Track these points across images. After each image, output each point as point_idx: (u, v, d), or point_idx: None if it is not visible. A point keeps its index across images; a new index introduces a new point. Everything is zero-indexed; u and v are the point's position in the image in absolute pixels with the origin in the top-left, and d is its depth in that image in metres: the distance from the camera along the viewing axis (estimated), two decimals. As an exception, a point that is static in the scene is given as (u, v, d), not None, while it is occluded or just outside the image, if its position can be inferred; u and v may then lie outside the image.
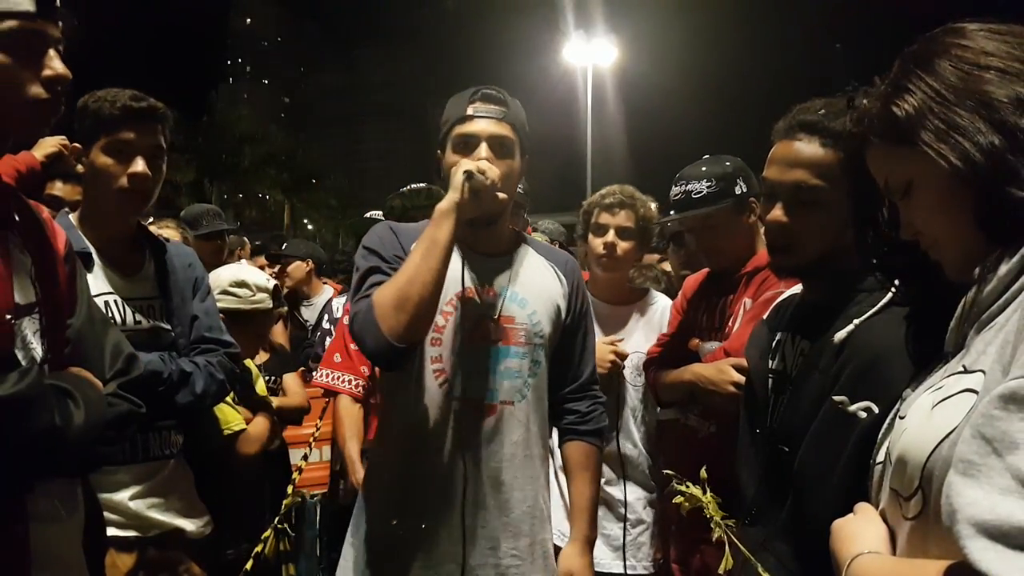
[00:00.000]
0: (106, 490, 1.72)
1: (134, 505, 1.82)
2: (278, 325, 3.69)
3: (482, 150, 1.70)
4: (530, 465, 1.77)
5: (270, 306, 2.56)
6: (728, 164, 2.29)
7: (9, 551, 1.09)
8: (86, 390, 1.16)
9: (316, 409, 3.12)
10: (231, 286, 2.48)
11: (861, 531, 0.96)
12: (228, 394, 2.12)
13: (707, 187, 2.24)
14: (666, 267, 3.88)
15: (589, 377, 1.92)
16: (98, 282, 1.82)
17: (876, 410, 1.19)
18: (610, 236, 2.50)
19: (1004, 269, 0.86)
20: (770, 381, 1.53)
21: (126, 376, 1.29)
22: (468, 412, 1.72)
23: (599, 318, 2.39)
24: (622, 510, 2.50)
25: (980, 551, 0.68)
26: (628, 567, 2.49)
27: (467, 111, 1.73)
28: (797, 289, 1.61)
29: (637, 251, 2.58)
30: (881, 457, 1.00)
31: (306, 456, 2.74)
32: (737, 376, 1.98)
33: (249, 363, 2.54)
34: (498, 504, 1.73)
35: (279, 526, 2.20)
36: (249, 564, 2.04)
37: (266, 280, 2.59)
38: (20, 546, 1.10)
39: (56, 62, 1.16)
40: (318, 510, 3.08)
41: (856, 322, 1.32)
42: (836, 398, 1.27)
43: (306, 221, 42.12)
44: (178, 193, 25.37)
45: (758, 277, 2.19)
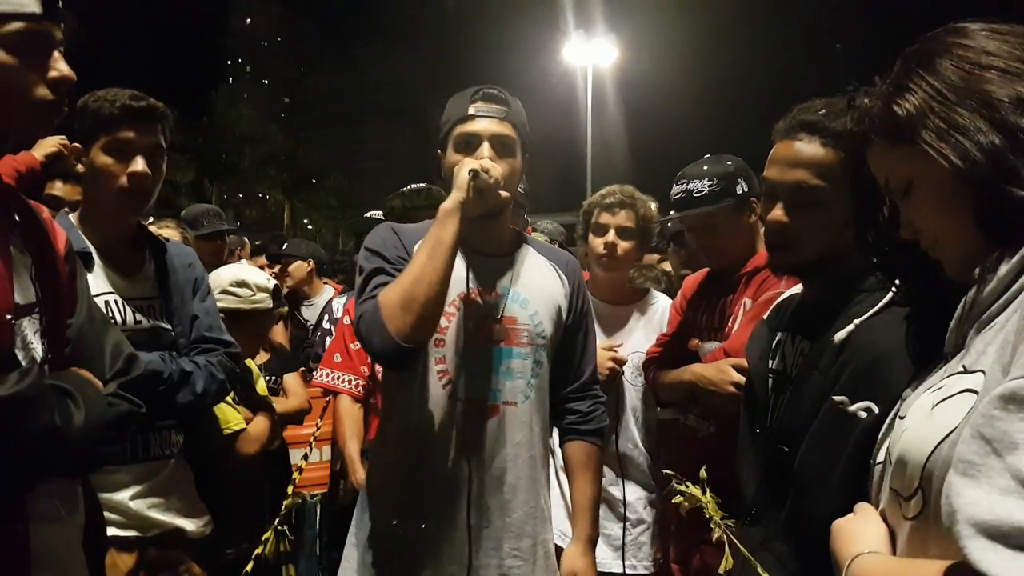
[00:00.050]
0: (106, 490, 1.72)
1: (134, 505, 1.82)
2: (278, 325, 3.69)
3: (484, 149, 1.70)
4: (532, 465, 1.77)
5: (270, 306, 2.56)
6: (729, 163, 2.29)
7: (9, 551, 1.09)
8: (86, 390, 1.16)
9: (316, 409, 3.12)
10: (231, 286, 2.48)
11: (861, 531, 0.96)
12: (228, 394, 2.12)
13: (708, 186, 2.24)
14: (666, 267, 3.88)
15: (590, 377, 1.92)
16: (98, 282, 1.82)
17: (876, 410, 1.19)
18: (610, 236, 2.50)
19: (1004, 269, 0.86)
20: (770, 381, 1.53)
21: (126, 376, 1.29)
22: (471, 413, 1.71)
23: (599, 318, 2.39)
24: (622, 510, 2.50)
25: (980, 551, 0.68)
26: (629, 567, 2.49)
27: (469, 110, 1.73)
28: (797, 289, 1.61)
29: (637, 251, 2.58)
30: (881, 457, 1.00)
31: (306, 456, 2.74)
32: (737, 376, 1.98)
33: (250, 363, 2.54)
34: (501, 505, 1.73)
35: (279, 527, 2.20)
36: (250, 566, 2.04)
37: (266, 280, 2.59)
38: (20, 546, 1.10)
39: (61, 64, 1.16)
40: (318, 510, 3.08)
41: (856, 322, 1.32)
42: (836, 398, 1.27)
43: (306, 221, 42.09)
44: (178, 193, 25.38)
45: (758, 277, 2.19)
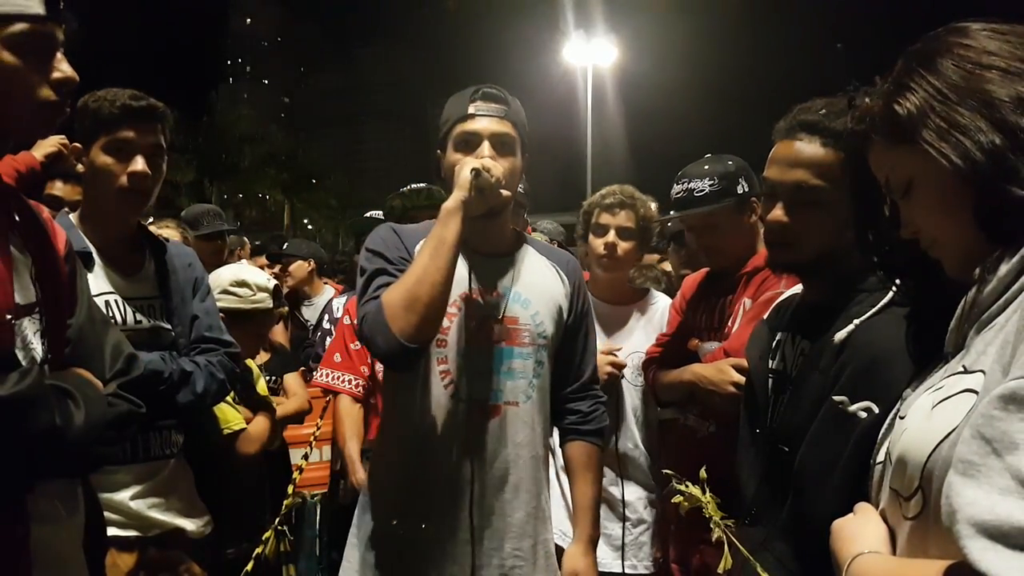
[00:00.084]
0: (107, 490, 1.72)
1: (135, 505, 1.82)
2: (279, 325, 3.69)
3: (484, 148, 1.69)
4: (534, 466, 1.77)
5: (270, 306, 2.56)
6: (730, 163, 2.29)
7: (10, 551, 1.09)
8: (86, 390, 1.16)
9: (316, 409, 3.12)
10: (232, 285, 2.48)
11: (861, 531, 0.96)
12: (228, 393, 2.12)
13: (709, 185, 2.24)
14: (666, 267, 3.88)
15: (590, 377, 1.92)
16: (99, 282, 1.82)
17: (876, 410, 1.19)
18: (610, 236, 2.50)
19: (1004, 269, 0.86)
20: (770, 381, 1.53)
21: (126, 376, 1.29)
22: (473, 413, 1.71)
23: (599, 318, 2.39)
24: (622, 510, 2.50)
25: (980, 551, 0.68)
26: (629, 567, 2.49)
27: (468, 110, 1.72)
28: (797, 289, 1.61)
29: (637, 251, 2.58)
30: (881, 457, 1.00)
31: (306, 456, 2.74)
32: (737, 376, 1.98)
33: (250, 363, 2.54)
34: (503, 505, 1.73)
35: (279, 527, 2.20)
36: (250, 565, 2.04)
37: (267, 280, 2.59)
38: (21, 546, 1.10)
39: (65, 65, 1.17)
40: (318, 510, 3.08)
41: (856, 322, 1.32)
42: (836, 398, 1.27)
43: (306, 221, 42.10)
44: (178, 193, 25.38)
45: (758, 277, 2.19)
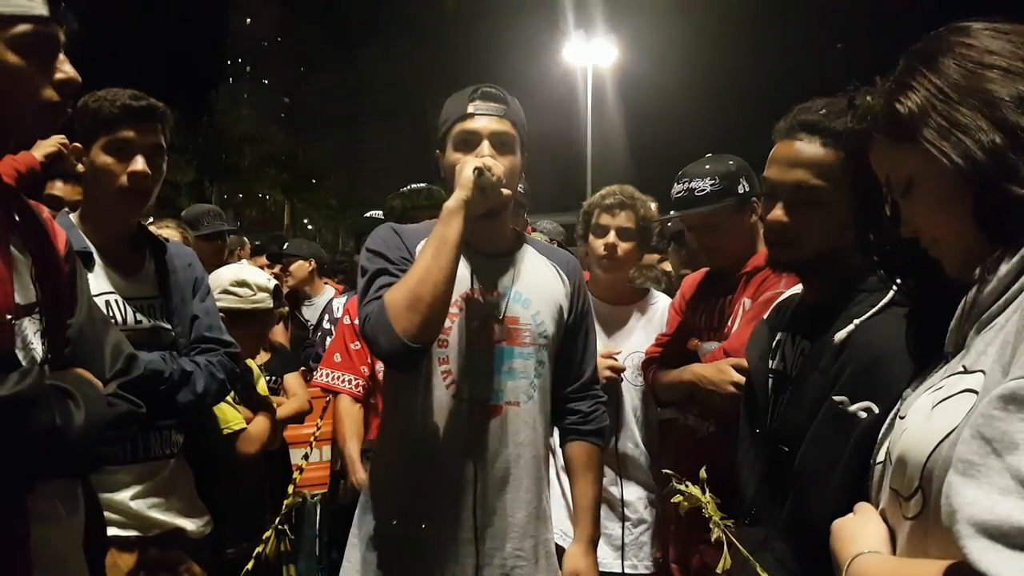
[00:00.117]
0: (107, 490, 1.72)
1: (135, 505, 1.82)
2: (279, 325, 3.69)
3: (484, 147, 1.69)
4: (536, 465, 1.77)
5: (271, 306, 2.56)
6: (731, 163, 2.29)
7: (10, 551, 1.09)
8: (86, 390, 1.16)
9: (316, 409, 3.13)
10: (232, 285, 2.48)
11: (861, 531, 0.96)
12: (228, 393, 2.12)
13: (710, 185, 2.24)
14: (666, 267, 3.88)
15: (591, 377, 1.92)
16: (99, 281, 1.82)
17: (876, 410, 1.19)
18: (611, 237, 2.50)
19: (1004, 269, 0.86)
20: (770, 381, 1.53)
21: (126, 376, 1.29)
22: (475, 413, 1.71)
23: (599, 318, 2.39)
24: (623, 509, 2.50)
25: (980, 551, 0.68)
26: (629, 567, 2.49)
27: (468, 109, 1.72)
28: (797, 290, 1.61)
29: (638, 251, 2.58)
30: (881, 457, 1.00)
31: (307, 456, 2.74)
32: (737, 376, 1.98)
33: (250, 363, 2.54)
34: (504, 505, 1.73)
35: (280, 526, 2.20)
36: (250, 564, 2.04)
37: (267, 280, 2.59)
38: (21, 546, 1.10)
39: (67, 66, 1.17)
40: (318, 510, 3.08)
41: (856, 322, 1.32)
42: (836, 398, 1.27)
43: (306, 221, 42.08)
44: (178, 193, 25.37)
45: (757, 277, 2.19)
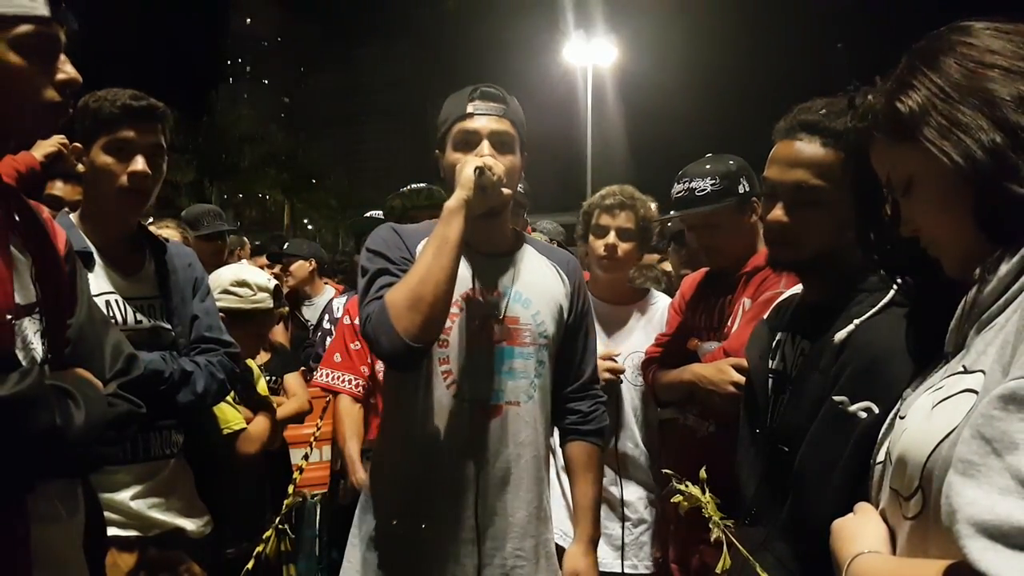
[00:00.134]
0: (107, 490, 1.72)
1: (135, 505, 1.82)
2: (279, 325, 3.69)
3: (484, 147, 1.69)
4: (536, 465, 1.77)
5: (271, 306, 2.56)
6: (732, 163, 2.29)
7: (10, 551, 1.09)
8: (87, 390, 1.16)
9: (317, 408, 3.13)
10: (232, 285, 2.48)
11: (861, 531, 0.96)
12: (228, 393, 2.12)
13: (711, 185, 2.24)
14: (666, 267, 3.88)
15: (590, 376, 1.92)
16: (99, 281, 1.82)
17: (876, 410, 1.19)
18: (611, 238, 2.50)
19: (1004, 269, 0.86)
20: (770, 381, 1.53)
21: (126, 376, 1.29)
22: (475, 413, 1.71)
23: (599, 318, 2.39)
24: (623, 509, 2.50)
25: (979, 551, 0.68)
26: (630, 567, 2.49)
27: (467, 109, 1.72)
28: (797, 290, 1.61)
29: (638, 252, 2.58)
30: (881, 457, 1.00)
31: (307, 456, 2.74)
32: (737, 376, 1.98)
33: (250, 363, 2.54)
34: (505, 505, 1.73)
35: (280, 526, 2.20)
36: (250, 564, 2.04)
37: (267, 280, 2.59)
38: (21, 546, 1.10)
39: (68, 66, 1.18)
40: (318, 510, 3.08)
41: (856, 322, 1.32)
42: (836, 398, 1.27)
43: (306, 221, 42.06)
44: (178, 193, 25.36)
45: (757, 277, 2.19)
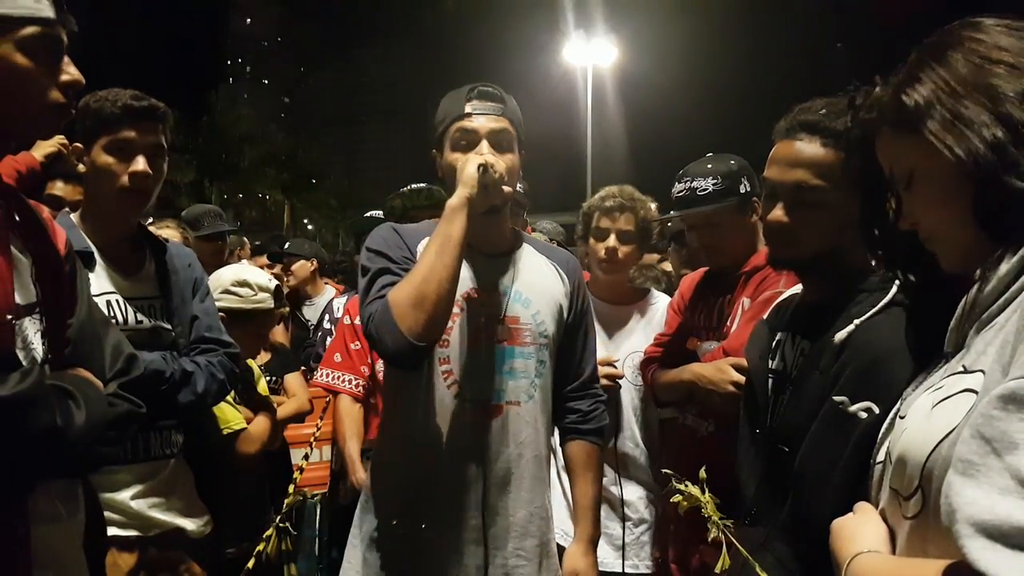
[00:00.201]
0: (107, 489, 1.72)
1: (135, 504, 1.82)
2: (279, 325, 3.69)
3: (484, 146, 1.69)
4: (537, 465, 1.77)
5: (271, 306, 2.56)
6: (733, 163, 2.28)
7: (10, 551, 1.09)
8: (87, 390, 1.16)
9: (317, 408, 3.13)
10: (233, 285, 2.48)
11: (861, 530, 0.96)
12: (228, 394, 2.12)
13: (712, 184, 2.23)
14: (666, 267, 3.88)
15: (590, 376, 1.92)
16: (100, 281, 1.82)
17: (876, 410, 1.19)
18: (611, 241, 2.49)
19: (1004, 269, 0.86)
20: (770, 381, 1.53)
21: (126, 376, 1.29)
22: (476, 413, 1.71)
23: (600, 318, 2.39)
24: (623, 509, 2.50)
25: (979, 551, 0.68)
26: (630, 566, 2.49)
27: (465, 108, 1.72)
28: (797, 289, 1.61)
29: (638, 252, 2.58)
30: (881, 457, 1.01)
31: (307, 456, 2.74)
32: (736, 376, 1.98)
33: (251, 363, 2.54)
34: (505, 505, 1.73)
35: (281, 525, 2.20)
36: (251, 563, 2.04)
37: (268, 280, 2.59)
38: (21, 546, 1.10)
39: (72, 68, 1.19)
40: (318, 510, 3.08)
41: (857, 322, 1.32)
42: (836, 398, 1.27)
43: (306, 221, 42.04)
44: (178, 193, 25.38)
45: (756, 276, 2.19)
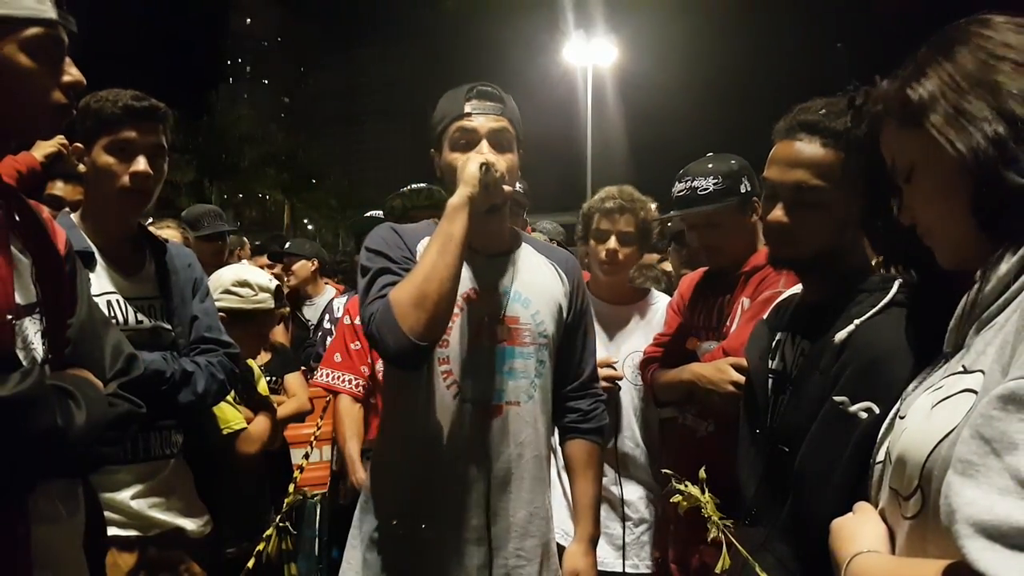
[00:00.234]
0: (107, 489, 1.72)
1: (135, 504, 1.82)
2: (279, 325, 3.69)
3: (483, 146, 1.69)
4: (537, 465, 1.77)
5: (272, 306, 2.56)
6: (733, 162, 2.28)
7: (10, 551, 1.09)
8: (87, 390, 1.16)
9: (317, 408, 3.13)
10: (233, 285, 2.48)
11: (860, 530, 0.96)
12: (228, 394, 2.12)
13: (713, 184, 2.23)
14: (666, 267, 3.89)
15: (590, 375, 1.92)
16: (100, 281, 1.82)
17: (876, 410, 1.19)
18: (612, 243, 2.49)
19: (1004, 268, 0.87)
20: (770, 381, 1.53)
21: (126, 376, 1.29)
22: (476, 413, 1.71)
23: (600, 318, 2.39)
24: (623, 509, 2.50)
25: (978, 551, 0.68)
26: (630, 566, 2.49)
27: (465, 108, 1.71)
28: (797, 289, 1.61)
29: (638, 253, 2.58)
30: (881, 457, 1.01)
31: (307, 455, 2.74)
32: (736, 376, 1.98)
33: (251, 363, 2.54)
34: (506, 505, 1.73)
35: (281, 525, 2.20)
36: (251, 563, 2.04)
37: (268, 280, 2.59)
38: (21, 546, 1.10)
39: (73, 69, 1.19)
40: (318, 510, 3.08)
41: (857, 322, 1.32)
42: (836, 398, 1.27)
43: (306, 221, 42.06)
44: (178, 193, 25.38)
45: (756, 276, 2.19)
